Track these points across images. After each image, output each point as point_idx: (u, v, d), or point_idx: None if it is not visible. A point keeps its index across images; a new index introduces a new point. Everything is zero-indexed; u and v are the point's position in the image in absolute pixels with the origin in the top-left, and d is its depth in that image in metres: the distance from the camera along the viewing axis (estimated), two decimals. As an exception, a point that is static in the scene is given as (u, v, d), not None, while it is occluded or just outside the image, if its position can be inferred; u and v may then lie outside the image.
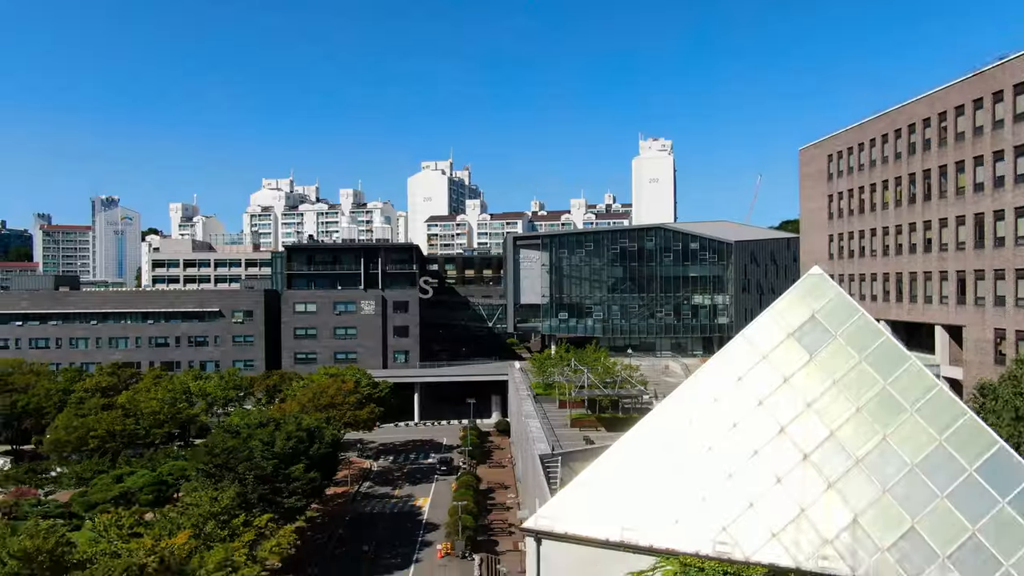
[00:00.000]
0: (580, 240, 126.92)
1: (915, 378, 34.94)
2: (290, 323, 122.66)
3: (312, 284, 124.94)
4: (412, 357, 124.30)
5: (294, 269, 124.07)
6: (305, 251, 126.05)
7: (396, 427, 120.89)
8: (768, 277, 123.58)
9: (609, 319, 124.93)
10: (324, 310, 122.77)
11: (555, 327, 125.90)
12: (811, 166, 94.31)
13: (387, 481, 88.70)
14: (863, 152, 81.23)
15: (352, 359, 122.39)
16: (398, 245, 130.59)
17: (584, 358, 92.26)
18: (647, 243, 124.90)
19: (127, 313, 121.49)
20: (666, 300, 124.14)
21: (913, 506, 32.30)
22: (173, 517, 43.13)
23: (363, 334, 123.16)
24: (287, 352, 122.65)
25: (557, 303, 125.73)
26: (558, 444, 65.27)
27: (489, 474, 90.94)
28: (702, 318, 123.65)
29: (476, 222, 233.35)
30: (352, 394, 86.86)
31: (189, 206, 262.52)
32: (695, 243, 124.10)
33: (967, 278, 62.32)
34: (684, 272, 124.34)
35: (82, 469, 76.02)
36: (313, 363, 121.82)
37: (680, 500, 34.71)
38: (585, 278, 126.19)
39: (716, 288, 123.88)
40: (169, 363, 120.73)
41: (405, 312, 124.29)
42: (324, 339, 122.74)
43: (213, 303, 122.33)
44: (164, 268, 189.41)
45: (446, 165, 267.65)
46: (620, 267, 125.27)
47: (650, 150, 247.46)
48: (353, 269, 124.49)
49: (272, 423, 64.10)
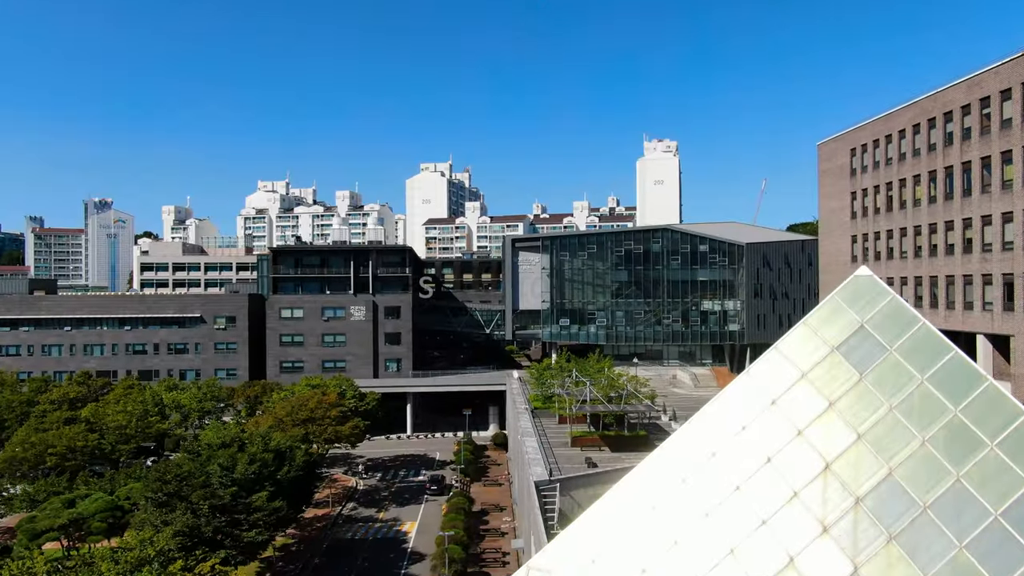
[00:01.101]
0: (582, 242, 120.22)
1: (993, 403, 28.24)
2: (275, 329, 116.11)
3: (300, 288, 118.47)
4: (405, 366, 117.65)
5: (280, 272, 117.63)
6: (292, 253, 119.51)
7: (387, 440, 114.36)
8: (782, 281, 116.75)
9: (613, 326, 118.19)
10: (311, 316, 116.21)
11: (556, 334, 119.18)
12: (831, 161, 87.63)
13: (373, 502, 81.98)
14: (891, 145, 74.49)
15: (341, 368, 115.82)
16: (390, 247, 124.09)
17: (586, 368, 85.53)
18: (653, 245, 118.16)
19: (103, 319, 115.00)
20: (673, 306, 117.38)
21: (997, 567, 25.58)
22: (96, 566, 36.34)
23: (353, 341, 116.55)
24: (272, 360, 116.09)
25: (558, 309, 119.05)
26: (556, 468, 58.56)
27: (483, 494, 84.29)
28: (712, 325, 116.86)
29: (476, 225, 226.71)
30: (335, 407, 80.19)
31: (182, 209, 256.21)
32: (704, 245, 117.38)
33: (1015, 282, 55.50)
34: (692, 276, 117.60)
35: (35, 490, 69.25)
36: (300, 372, 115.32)
37: (703, 551, 28.06)
38: (588, 282, 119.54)
39: (726, 293, 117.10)
40: (147, 372, 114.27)
41: (397, 318, 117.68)
42: (311, 346, 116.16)
43: (194, 308, 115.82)
44: (153, 272, 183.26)
45: (445, 167, 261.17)
46: (625, 271, 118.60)
47: (655, 151, 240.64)
48: (343, 272, 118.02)
49: (237, 443, 57.49)
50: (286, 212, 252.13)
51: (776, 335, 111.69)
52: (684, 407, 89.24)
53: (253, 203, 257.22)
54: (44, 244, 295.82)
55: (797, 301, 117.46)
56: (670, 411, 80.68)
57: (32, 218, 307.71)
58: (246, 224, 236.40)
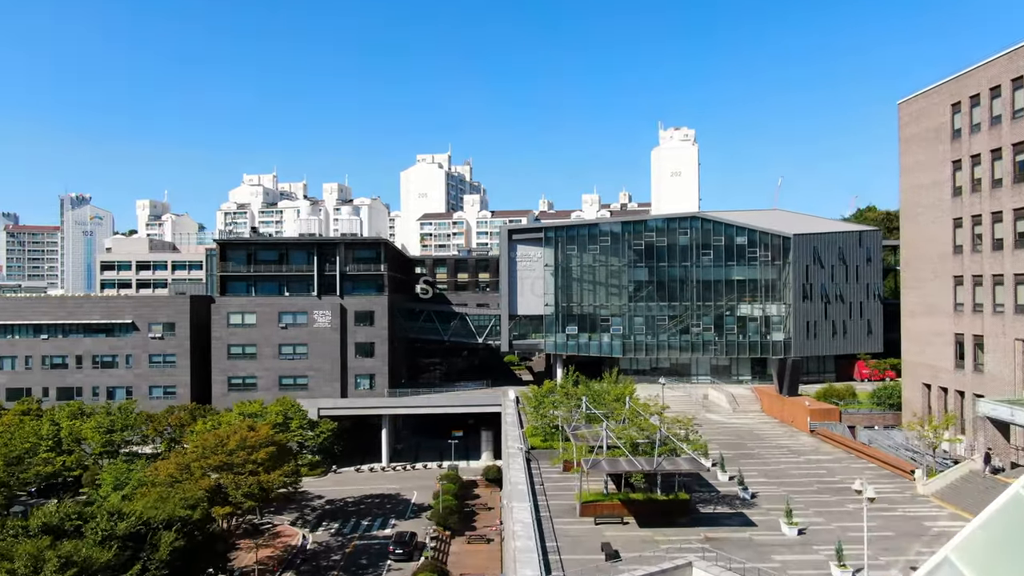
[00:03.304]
0: (593, 233, 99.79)
1: None
2: (222, 338, 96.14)
3: (253, 289, 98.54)
4: (379, 383, 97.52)
5: (229, 270, 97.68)
6: (243, 247, 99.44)
7: (358, 472, 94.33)
8: (835, 281, 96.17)
9: (630, 335, 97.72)
10: (266, 322, 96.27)
11: (561, 345, 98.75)
12: (918, 124, 67.17)
13: (318, 570, 61.87)
14: (1021, 90, 54.11)
15: (302, 385, 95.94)
16: (363, 240, 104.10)
17: (601, 395, 65.30)
18: (680, 237, 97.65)
19: (14, 325, 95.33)
20: (704, 310, 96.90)
21: None
22: None
23: (316, 353, 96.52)
24: (219, 376, 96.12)
25: (564, 314, 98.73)
26: (558, 559, 38.30)
27: (466, 556, 64.32)
28: (751, 333, 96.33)
29: (475, 220, 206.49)
30: (265, 446, 60.04)
31: (158, 203, 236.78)
32: (742, 237, 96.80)
33: None
34: (727, 274, 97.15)
35: None
36: (252, 390, 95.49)
37: None
38: (600, 282, 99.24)
39: (769, 295, 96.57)
40: (68, 389, 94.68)
41: (370, 325, 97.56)
42: (266, 359, 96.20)
43: (124, 313, 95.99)
44: (114, 271, 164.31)
45: (444, 158, 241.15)
46: (644, 268, 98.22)
47: (671, 140, 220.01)
48: (305, 270, 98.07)
49: (72, 519, 37.58)
50: (270, 207, 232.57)
51: (829, 346, 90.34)
52: (727, 442, 68.76)
53: (236, 197, 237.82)
54: (18, 243, 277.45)
55: (854, 305, 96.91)
56: (714, 452, 60.35)
57: (5, 215, 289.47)
58: (226, 219, 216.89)
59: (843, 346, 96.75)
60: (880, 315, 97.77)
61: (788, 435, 71.97)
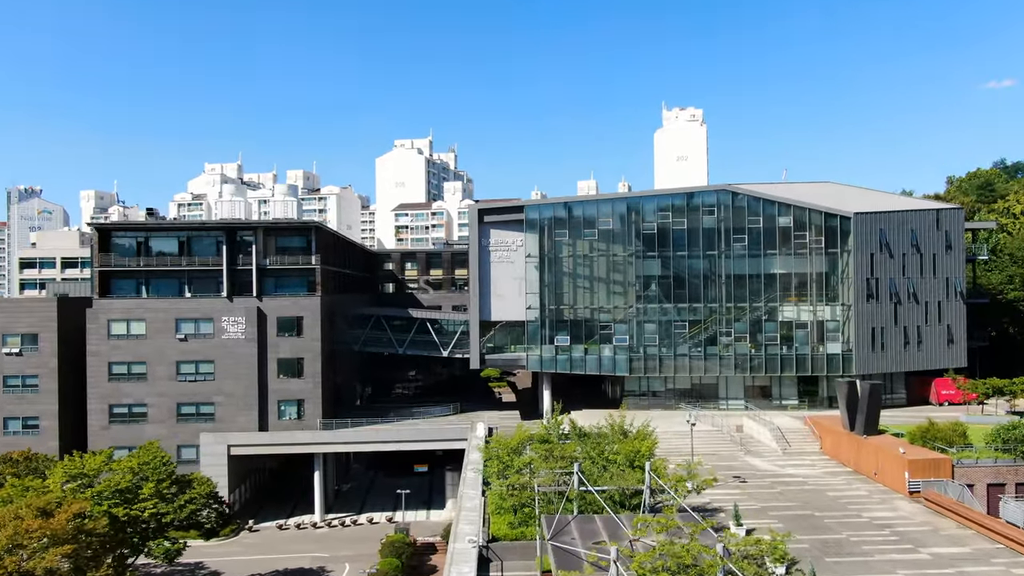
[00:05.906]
0: (590, 214, 76.47)
1: None
2: (102, 354, 72.78)
3: (146, 288, 75.30)
4: (309, 410, 74.25)
5: (112, 264, 74.33)
6: (130, 233, 76.08)
7: (281, 530, 71.52)
8: (908, 274, 73.27)
9: (639, 346, 74.54)
10: (160, 331, 72.96)
11: (548, 361, 75.42)
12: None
13: None
14: None
15: (207, 415, 72.84)
16: (288, 223, 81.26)
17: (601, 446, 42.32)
18: (704, 218, 74.48)
19: None
20: (736, 314, 73.83)
21: None
22: None
23: (226, 372, 73.24)
24: (98, 403, 72.72)
25: (553, 319, 75.50)
26: None
27: None
28: (799, 344, 73.29)
29: (456, 210, 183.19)
30: (68, 541, 36.74)
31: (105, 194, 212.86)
32: (786, 216, 73.74)
33: None
34: (767, 267, 74.17)
35: None
36: (142, 422, 72.48)
37: None
38: (599, 278, 76.18)
39: (822, 293, 73.67)
40: None
41: (298, 335, 74.28)
42: (160, 381, 72.86)
43: (-32, 321, 72.69)
44: (36, 269, 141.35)
45: (424, 143, 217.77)
46: (657, 258, 75.18)
47: (676, 120, 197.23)
48: (212, 264, 74.73)
49: None
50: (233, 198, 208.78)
51: (900, 360, 64.64)
52: (791, 515, 44.60)
53: (194, 188, 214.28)
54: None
55: (931, 306, 73.99)
56: (792, 547, 36.70)
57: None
58: (179, 211, 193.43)
59: (918, 360, 73.79)
60: (963, 319, 75.01)
61: (880, 501, 48.82)
